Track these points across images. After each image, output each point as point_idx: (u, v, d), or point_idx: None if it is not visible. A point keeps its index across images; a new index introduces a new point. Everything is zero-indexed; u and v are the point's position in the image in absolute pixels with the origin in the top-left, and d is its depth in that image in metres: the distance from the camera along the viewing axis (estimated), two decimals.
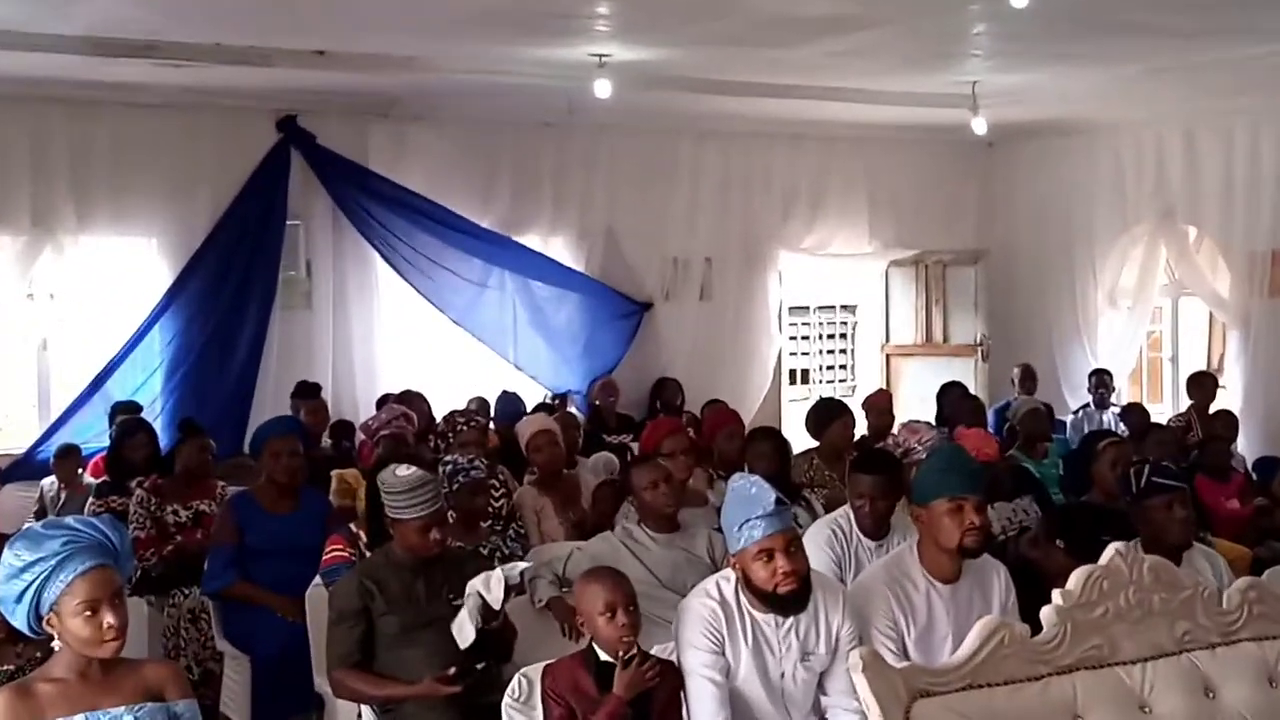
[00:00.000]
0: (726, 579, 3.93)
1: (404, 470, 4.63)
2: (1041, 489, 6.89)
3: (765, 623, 3.85)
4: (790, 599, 3.79)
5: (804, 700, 3.92)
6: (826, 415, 7.37)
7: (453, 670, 4.35)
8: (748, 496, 3.83)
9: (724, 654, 3.80)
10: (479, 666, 4.42)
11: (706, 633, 3.81)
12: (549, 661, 3.87)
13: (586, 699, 3.66)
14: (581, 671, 3.72)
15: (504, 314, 10.41)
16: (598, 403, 10.10)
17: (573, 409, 9.62)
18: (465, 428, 6.82)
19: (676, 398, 10.60)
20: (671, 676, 3.78)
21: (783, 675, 3.87)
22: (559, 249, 10.65)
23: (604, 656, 3.71)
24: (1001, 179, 12.38)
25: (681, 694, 3.79)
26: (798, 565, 3.78)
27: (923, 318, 12.41)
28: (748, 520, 3.78)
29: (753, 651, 3.83)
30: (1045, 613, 3.15)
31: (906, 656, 3.97)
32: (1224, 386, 10.68)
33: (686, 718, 3.78)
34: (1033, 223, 12.00)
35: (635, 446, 7.95)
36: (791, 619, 3.85)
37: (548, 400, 10.02)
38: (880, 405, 9.05)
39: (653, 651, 3.92)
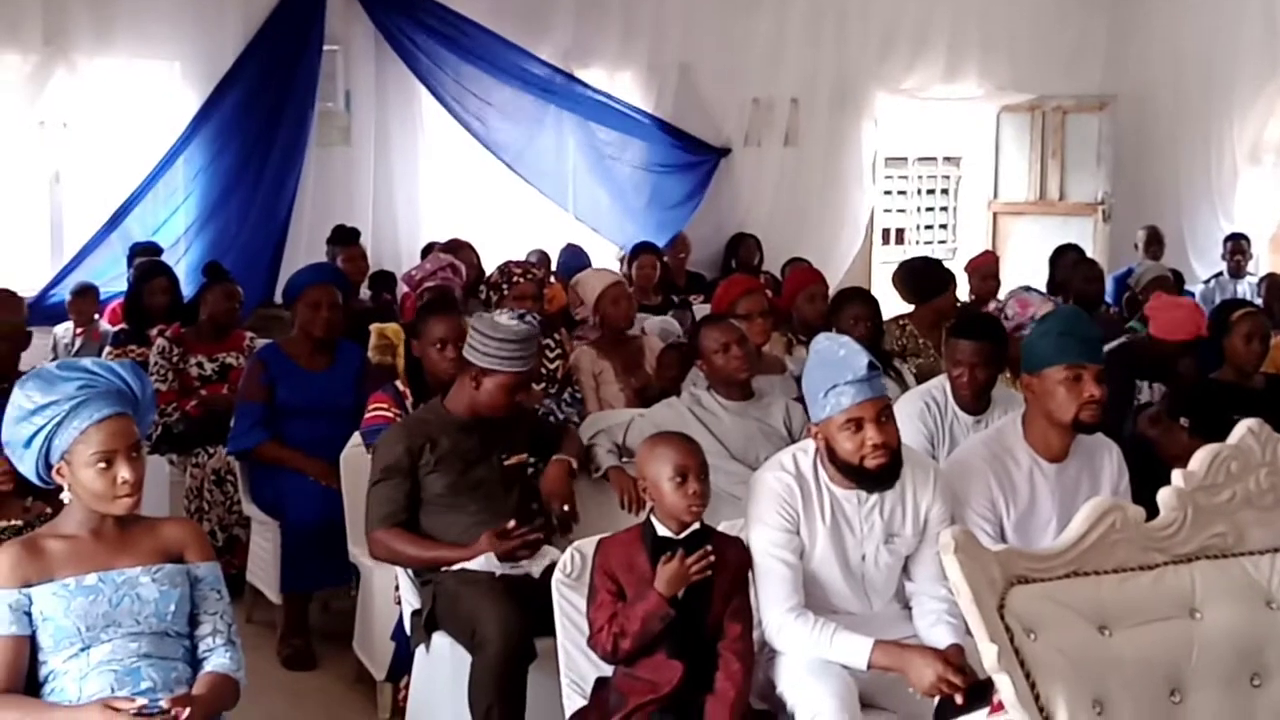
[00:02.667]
0: (804, 451, 3.91)
1: (507, 319, 4.65)
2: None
3: (846, 500, 3.84)
4: (879, 473, 3.77)
5: (886, 586, 3.93)
6: (934, 282, 7.29)
7: (512, 524, 4.41)
8: (836, 360, 3.78)
9: (798, 533, 3.80)
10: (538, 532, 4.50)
11: (780, 510, 3.80)
12: (604, 535, 3.88)
13: (640, 579, 3.66)
14: (638, 547, 3.71)
15: (561, 160, 10.34)
16: (665, 259, 10.07)
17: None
18: (522, 280, 6.81)
19: (754, 256, 10.55)
20: (739, 555, 3.78)
21: (864, 558, 3.87)
22: (626, 85, 10.53)
23: (662, 531, 3.71)
24: (1134, 14, 12.06)
25: (750, 574, 3.79)
26: (888, 437, 3.75)
27: (1037, 172, 12.22)
28: (835, 386, 3.74)
29: (831, 531, 3.83)
30: (1164, 495, 3.08)
31: (1004, 541, 3.96)
32: None
33: (755, 600, 3.79)
34: (1168, 66, 11.72)
35: (700, 310, 7.93)
36: (875, 497, 3.84)
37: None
38: (985, 269, 8.96)
39: (720, 529, 3.92)
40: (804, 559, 3.81)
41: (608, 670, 3.77)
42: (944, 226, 12.95)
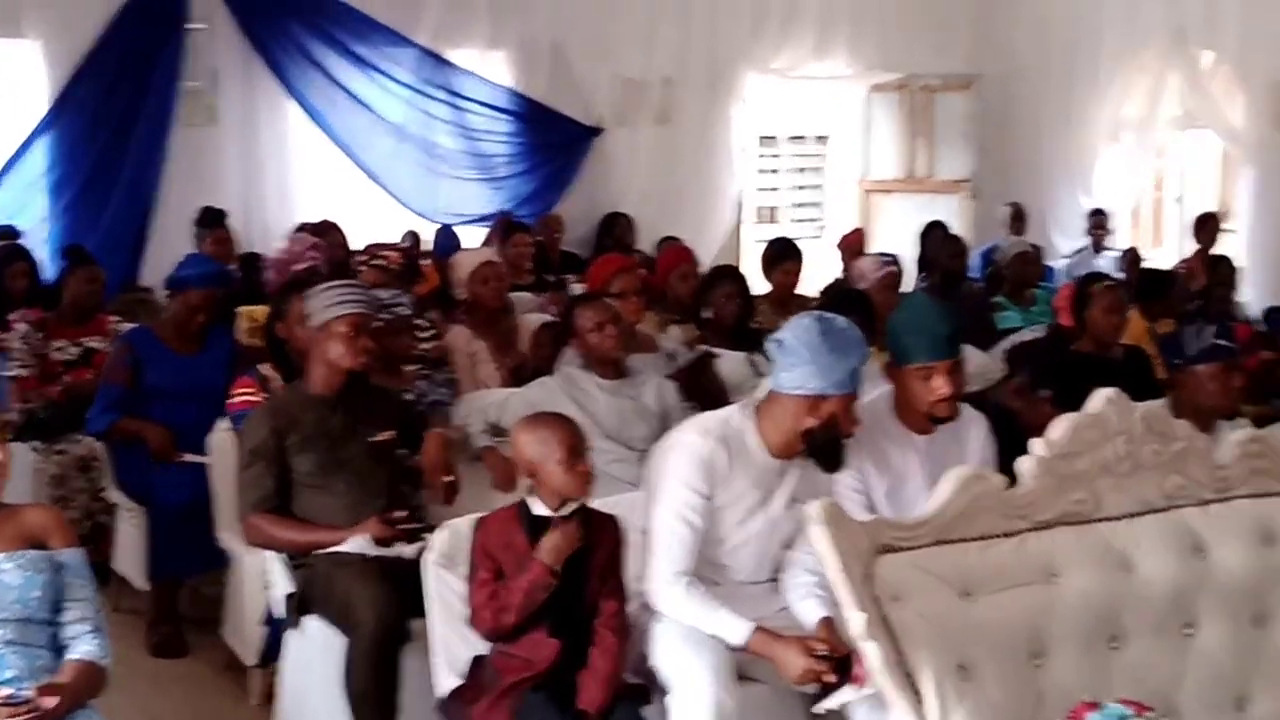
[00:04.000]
0: (727, 418, 3.95)
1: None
2: None
3: (768, 466, 3.89)
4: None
5: (778, 551, 3.99)
6: (770, 258, 7.42)
7: (404, 514, 4.41)
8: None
9: (711, 499, 3.83)
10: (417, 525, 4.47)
11: (702, 473, 3.81)
12: (481, 515, 3.87)
13: (519, 557, 3.66)
14: (515, 526, 3.71)
15: (430, 159, 10.22)
16: (540, 238, 10.04)
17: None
18: (365, 268, 6.77)
19: (628, 235, 10.55)
20: (614, 533, 3.79)
21: (770, 522, 3.93)
22: (498, 65, 10.47)
23: (538, 510, 3.71)
24: None
25: (623, 552, 3.81)
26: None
27: (905, 150, 12.35)
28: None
29: (748, 492, 3.87)
30: (1024, 464, 3.16)
31: (875, 511, 4.02)
32: (1233, 230, 10.73)
33: (632, 567, 3.81)
34: (1032, 45, 11.86)
35: (577, 290, 7.92)
36: (789, 464, 3.90)
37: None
38: (855, 246, 9.10)
39: (594, 506, 3.93)
40: (713, 522, 3.84)
41: (484, 649, 3.77)
42: (815, 204, 13.06)
